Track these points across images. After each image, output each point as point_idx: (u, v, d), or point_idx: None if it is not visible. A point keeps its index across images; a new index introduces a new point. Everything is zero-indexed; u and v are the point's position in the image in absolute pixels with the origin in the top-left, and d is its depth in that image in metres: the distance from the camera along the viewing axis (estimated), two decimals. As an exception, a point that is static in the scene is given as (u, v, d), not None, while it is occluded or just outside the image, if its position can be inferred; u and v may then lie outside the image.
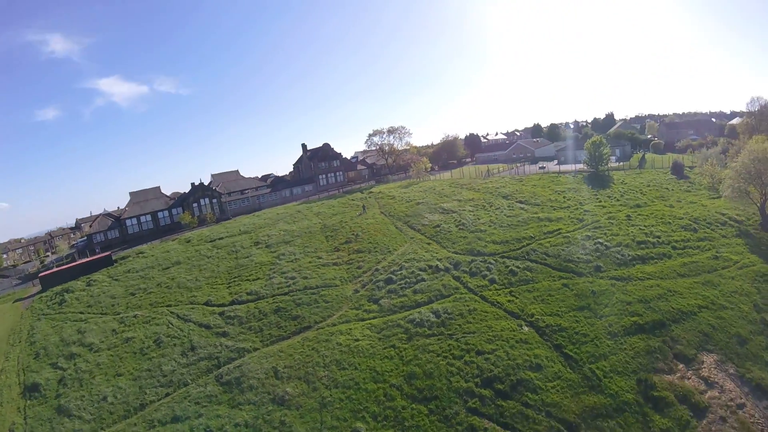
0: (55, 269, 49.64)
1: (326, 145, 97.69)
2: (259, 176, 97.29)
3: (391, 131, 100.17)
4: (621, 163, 68.81)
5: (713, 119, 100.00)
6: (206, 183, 77.89)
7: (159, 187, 77.24)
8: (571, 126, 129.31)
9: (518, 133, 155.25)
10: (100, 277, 46.43)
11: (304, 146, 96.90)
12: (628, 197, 50.32)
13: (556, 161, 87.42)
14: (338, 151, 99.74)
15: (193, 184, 74.22)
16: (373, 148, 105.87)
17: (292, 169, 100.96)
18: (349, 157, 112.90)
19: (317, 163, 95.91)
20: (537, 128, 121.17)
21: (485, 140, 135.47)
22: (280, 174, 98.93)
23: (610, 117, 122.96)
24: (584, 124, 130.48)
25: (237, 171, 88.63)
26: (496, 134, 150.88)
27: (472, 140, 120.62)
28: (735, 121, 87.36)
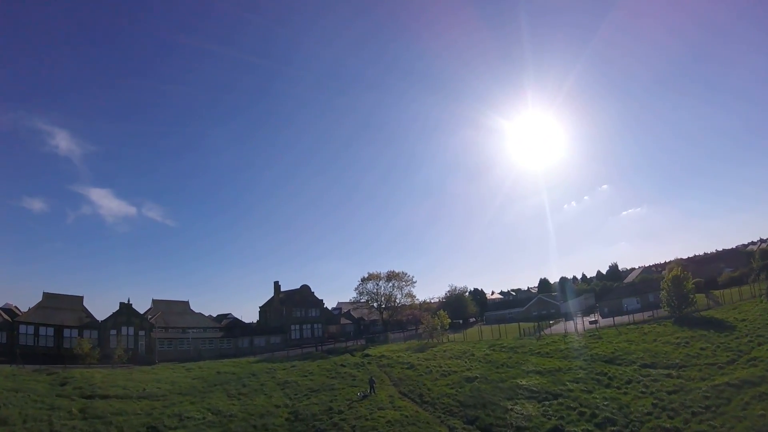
0: None
1: (305, 288, 77.27)
2: (215, 315, 72.36)
3: (391, 277, 79.37)
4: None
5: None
6: (145, 308, 55.17)
7: (82, 297, 55.93)
8: (579, 280, 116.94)
9: (513, 294, 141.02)
10: None
11: (277, 285, 75.88)
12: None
13: (598, 313, 69.82)
14: (320, 298, 78.76)
15: (122, 303, 51.22)
16: (363, 299, 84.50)
17: (258, 315, 77.29)
18: (330, 308, 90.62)
19: (291, 309, 73.59)
20: (544, 283, 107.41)
21: (490, 298, 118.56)
22: (242, 317, 74.68)
23: (614, 268, 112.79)
24: (591, 278, 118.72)
25: (187, 303, 64.97)
26: (492, 293, 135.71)
27: (477, 296, 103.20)
28: (763, 245, 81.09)
